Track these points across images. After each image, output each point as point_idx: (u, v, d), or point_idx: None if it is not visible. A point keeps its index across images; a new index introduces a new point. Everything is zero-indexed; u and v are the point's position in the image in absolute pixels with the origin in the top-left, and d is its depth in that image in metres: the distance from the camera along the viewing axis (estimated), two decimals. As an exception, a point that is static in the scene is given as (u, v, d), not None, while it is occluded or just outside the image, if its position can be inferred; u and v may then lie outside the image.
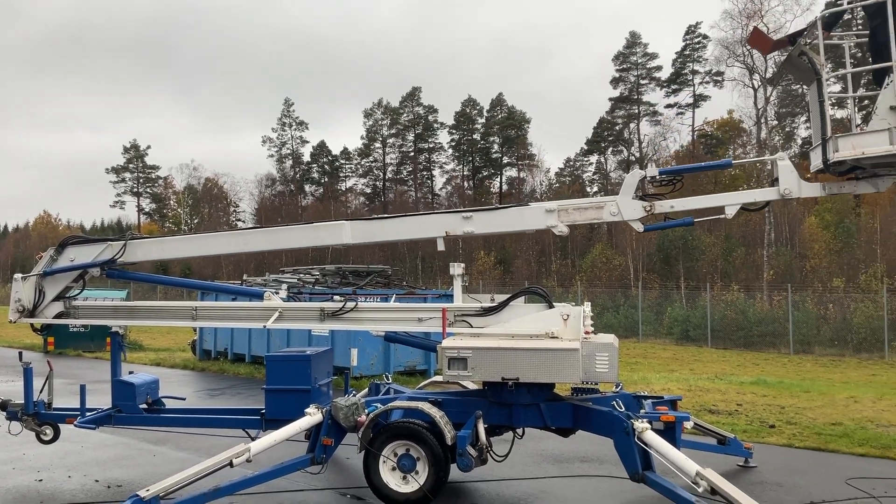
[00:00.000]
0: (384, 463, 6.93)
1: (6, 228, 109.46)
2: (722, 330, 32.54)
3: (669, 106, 62.56)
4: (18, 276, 8.47)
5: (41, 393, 8.57)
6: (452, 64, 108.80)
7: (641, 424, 6.38)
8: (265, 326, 7.87)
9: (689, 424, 7.15)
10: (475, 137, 73.98)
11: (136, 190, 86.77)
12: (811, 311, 31.29)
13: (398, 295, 16.27)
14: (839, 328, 30.03)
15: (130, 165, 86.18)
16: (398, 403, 7.29)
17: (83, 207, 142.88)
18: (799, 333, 29.89)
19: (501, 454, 7.46)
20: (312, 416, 7.09)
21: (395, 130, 77.85)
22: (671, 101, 62.44)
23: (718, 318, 32.97)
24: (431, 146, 77.12)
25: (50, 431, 8.68)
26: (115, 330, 8.76)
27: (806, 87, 7.15)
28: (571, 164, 70.03)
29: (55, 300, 8.50)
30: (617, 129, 65.10)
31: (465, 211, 7.63)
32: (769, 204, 7.28)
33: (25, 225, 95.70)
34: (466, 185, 75.08)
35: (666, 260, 48.13)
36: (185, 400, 9.83)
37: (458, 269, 7.58)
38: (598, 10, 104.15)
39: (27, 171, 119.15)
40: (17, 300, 8.38)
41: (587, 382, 7.20)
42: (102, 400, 8.85)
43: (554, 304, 7.29)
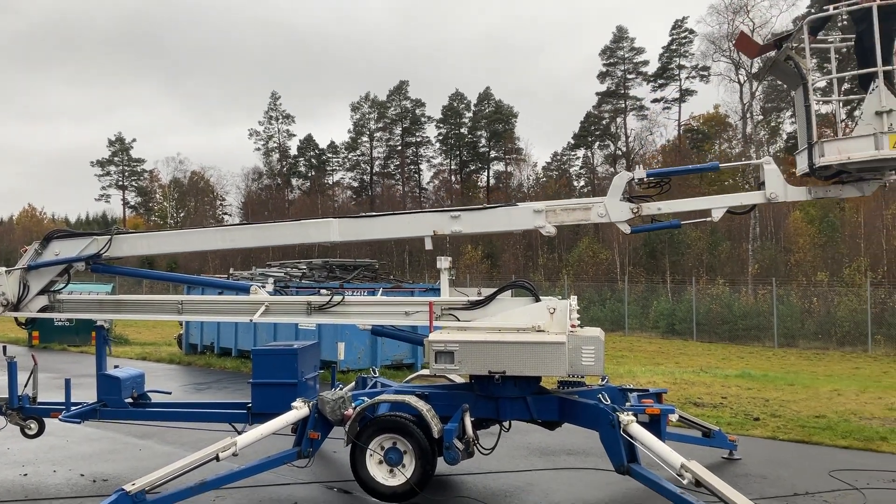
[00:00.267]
0: (371, 456, 6.94)
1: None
2: (707, 323, 32.74)
3: (656, 100, 62.85)
4: (2, 269, 8.40)
5: (26, 387, 8.52)
6: (440, 58, 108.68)
7: (627, 417, 6.42)
8: (251, 320, 7.84)
9: (674, 417, 7.19)
10: (462, 132, 73.95)
11: (121, 183, 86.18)
12: (795, 304, 31.52)
13: (385, 289, 16.28)
14: (823, 322, 30.27)
15: (115, 158, 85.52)
16: (385, 397, 7.30)
17: (68, 201, 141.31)
18: (783, 327, 30.11)
19: (488, 447, 7.48)
20: (299, 409, 7.08)
21: (382, 124, 77.67)
22: (658, 95, 62.71)
23: (704, 311, 33.16)
24: (419, 140, 77.04)
25: (35, 426, 8.64)
26: (100, 324, 8.73)
27: (792, 90, 7.19)
28: (558, 158, 70.19)
29: (40, 294, 8.44)
30: (604, 123, 65.23)
31: (453, 210, 7.63)
32: (755, 207, 7.36)
33: (10, 218, 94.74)
34: (454, 179, 75.05)
35: (652, 254, 48.35)
36: (170, 394, 9.80)
37: (445, 262, 7.59)
38: (587, 5, 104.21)
39: (11, 164, 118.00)
40: (1, 294, 8.32)
41: (573, 376, 7.24)
42: (88, 394, 8.81)
43: (540, 297, 7.31)
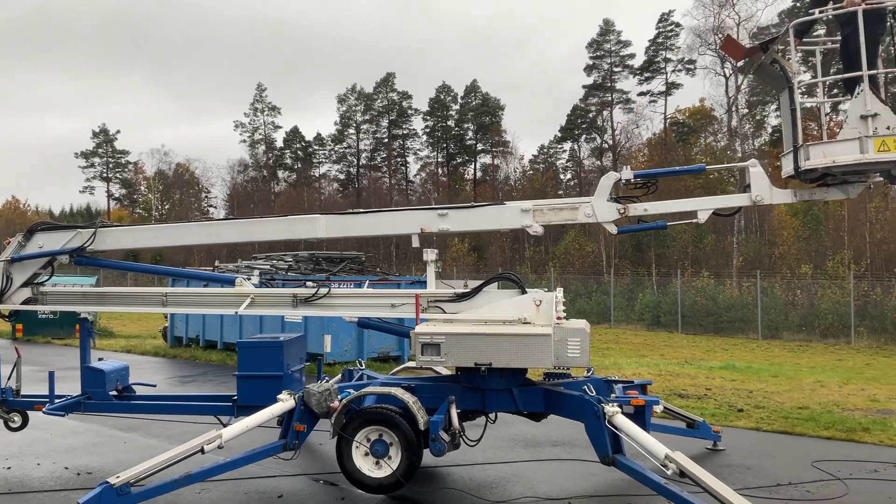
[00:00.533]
0: (357, 448, 6.94)
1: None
2: (692, 316, 32.92)
3: (642, 94, 62.91)
4: (-15, 261, 8.33)
5: (9, 380, 8.45)
6: (427, 51, 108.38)
7: (612, 408, 6.45)
8: (237, 312, 7.81)
9: (658, 408, 7.24)
10: (449, 124, 73.82)
11: (105, 175, 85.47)
12: (779, 297, 31.73)
13: (372, 281, 16.27)
14: (807, 314, 30.50)
15: (100, 150, 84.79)
16: (371, 389, 7.30)
17: (52, 193, 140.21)
18: (767, 319, 30.33)
19: (474, 439, 7.50)
20: (285, 402, 7.07)
21: (368, 116, 77.40)
22: (644, 88, 62.80)
23: (689, 304, 33.34)
24: (406, 132, 76.84)
25: (18, 419, 8.58)
26: (83, 316, 8.67)
27: (778, 93, 7.23)
28: (545, 151, 70.18)
29: (23, 286, 8.38)
30: (590, 116, 65.26)
31: (440, 208, 7.63)
32: (740, 209, 7.41)
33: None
34: (441, 171, 74.96)
35: (638, 247, 48.53)
36: (155, 387, 9.77)
37: (431, 255, 7.59)
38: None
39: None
40: (-17, 286, 8.25)
41: (559, 367, 7.26)
42: (72, 387, 8.76)
43: (527, 289, 7.33)
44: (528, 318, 7.06)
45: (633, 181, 7.14)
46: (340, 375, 9.09)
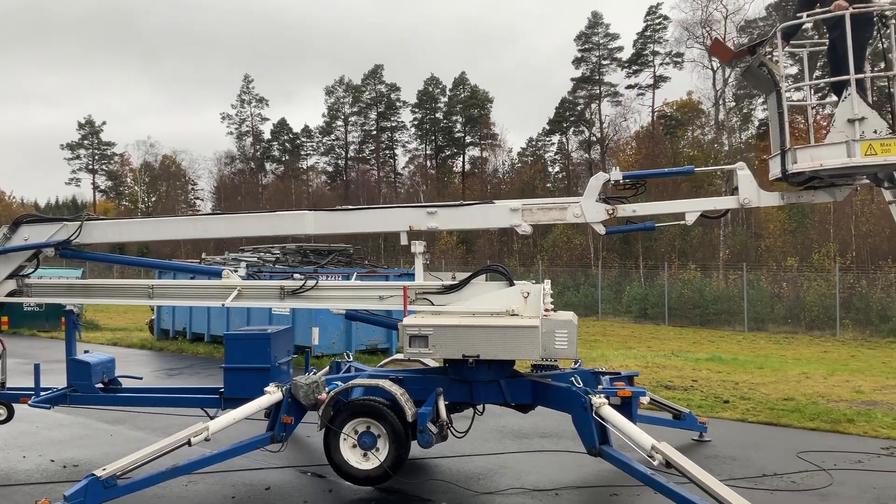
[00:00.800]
0: (345, 440, 6.94)
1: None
2: (679, 308, 33.06)
3: (630, 87, 62.98)
4: (-31, 254, 8.25)
5: (-6, 373, 8.40)
6: (415, 43, 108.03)
7: (599, 400, 6.48)
8: (224, 304, 7.79)
9: (645, 400, 7.27)
10: (438, 116, 73.69)
11: (91, 167, 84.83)
12: (765, 289, 31.91)
13: (360, 274, 16.24)
14: (792, 306, 30.68)
15: (85, 142, 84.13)
16: (359, 381, 7.30)
17: (38, 185, 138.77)
18: (753, 311, 30.49)
19: (462, 430, 7.52)
20: (272, 394, 7.06)
21: (357, 108, 77.17)
22: (632, 81, 62.88)
23: (676, 296, 33.48)
24: (394, 125, 76.67)
25: (3, 411, 8.54)
26: (69, 308, 8.62)
27: (766, 96, 7.26)
28: (534, 144, 70.21)
29: (8, 278, 8.32)
30: (578, 109, 65.30)
31: (429, 206, 7.63)
32: (728, 212, 7.46)
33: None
34: (429, 164, 74.86)
35: (625, 240, 48.61)
36: (142, 379, 9.71)
37: (419, 247, 7.58)
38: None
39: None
40: (-33, 279, 8.18)
41: (547, 359, 7.28)
42: (58, 380, 8.70)
43: (514, 282, 7.35)
44: (515, 310, 7.09)
45: (621, 182, 7.18)
46: (328, 368, 9.08)
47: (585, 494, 7.09)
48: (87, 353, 8.86)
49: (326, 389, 7.14)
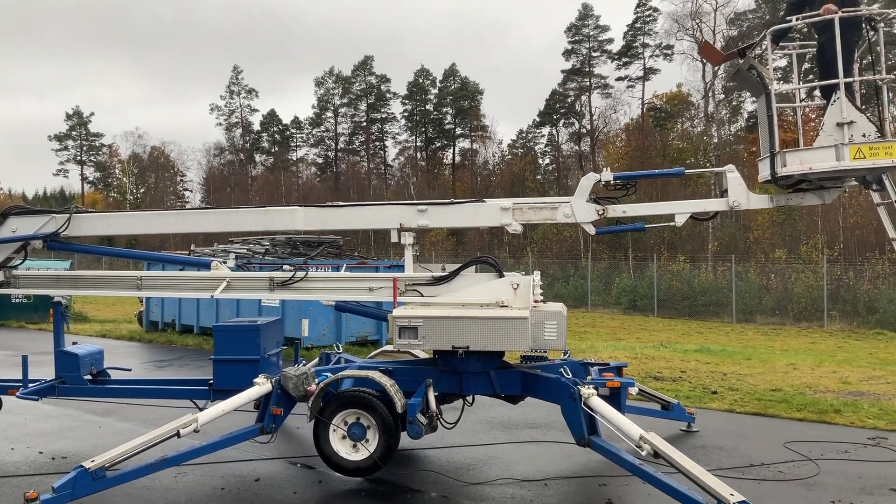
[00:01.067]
0: (334, 431, 6.95)
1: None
2: (668, 300, 33.19)
3: (620, 79, 63.02)
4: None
5: (-19, 365, 8.36)
6: (406, 34, 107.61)
7: (587, 390, 6.51)
8: (213, 296, 7.76)
9: (633, 390, 7.31)
10: (428, 108, 73.54)
11: (79, 158, 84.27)
12: (754, 281, 32.07)
13: (349, 265, 16.22)
14: (780, 298, 30.85)
15: (73, 133, 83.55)
16: (348, 372, 7.30)
17: (26, 176, 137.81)
18: (742, 303, 30.65)
19: (451, 421, 7.54)
20: (262, 385, 7.05)
21: (346, 100, 76.93)
22: (622, 73, 62.91)
23: (665, 288, 33.60)
24: (384, 116, 76.48)
25: (-9, 403, 8.49)
26: (57, 300, 8.58)
27: (755, 98, 7.29)
28: (524, 136, 70.20)
29: (-5, 269, 8.26)
30: (569, 101, 65.31)
31: (420, 204, 7.62)
32: (717, 214, 7.51)
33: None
34: (419, 156, 74.74)
35: (615, 221, 48.63)
36: (130, 371, 9.68)
37: (409, 238, 7.58)
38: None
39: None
40: (-46, 270, 8.12)
41: (536, 350, 7.32)
42: (46, 371, 8.67)
43: (504, 273, 7.36)
44: (505, 301, 7.10)
45: (612, 182, 7.20)
46: (318, 359, 9.08)
47: (574, 485, 7.12)
48: (75, 344, 8.84)
49: (316, 381, 7.14)
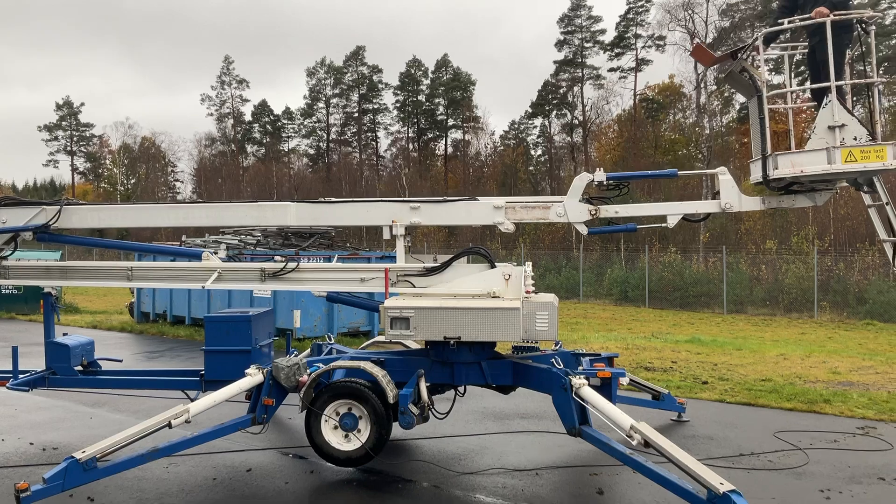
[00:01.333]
0: (326, 422, 6.95)
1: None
2: (659, 291, 33.28)
3: (612, 70, 62.96)
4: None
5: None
6: (399, 25, 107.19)
7: (579, 380, 6.53)
8: (203, 287, 7.74)
9: (624, 380, 7.33)
10: (420, 99, 73.33)
11: (69, 149, 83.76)
12: (745, 272, 32.16)
13: (341, 256, 16.19)
14: (771, 289, 30.97)
15: (63, 123, 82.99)
16: (340, 363, 7.31)
17: (16, 167, 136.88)
18: (733, 294, 30.76)
19: (443, 412, 7.56)
20: (253, 376, 7.05)
21: (338, 90, 76.63)
22: (614, 64, 62.86)
23: (656, 279, 33.69)
24: (376, 107, 76.21)
25: (-19, 395, 8.46)
26: (47, 290, 8.54)
27: (748, 100, 7.31)
28: (516, 127, 70.08)
29: (-16, 260, 8.22)
30: (561, 92, 65.23)
31: (413, 201, 7.62)
32: (709, 216, 7.55)
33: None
34: (411, 147, 74.57)
35: (607, 222, 48.75)
36: (121, 362, 9.66)
37: (400, 229, 7.58)
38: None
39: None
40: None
41: (528, 341, 7.33)
42: (37, 363, 8.65)
43: (496, 264, 7.36)
44: (497, 292, 7.11)
45: (605, 183, 7.22)
46: (309, 350, 9.08)
47: (565, 474, 7.15)
48: (65, 335, 8.81)
49: (308, 371, 7.14)
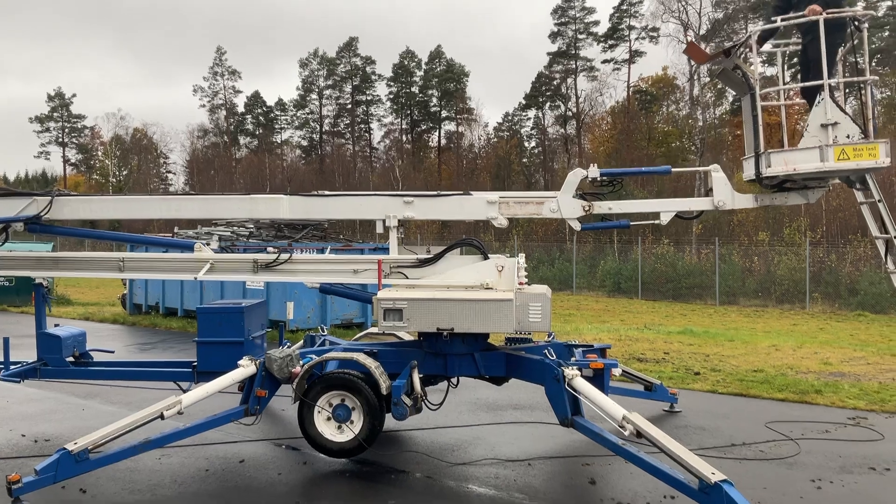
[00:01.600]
0: (319, 413, 6.95)
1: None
2: (652, 282, 33.37)
3: (606, 61, 62.89)
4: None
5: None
6: (391, 16, 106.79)
7: (571, 371, 6.53)
8: (196, 278, 7.70)
9: (617, 372, 7.34)
10: (414, 90, 73.13)
11: (61, 140, 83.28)
12: (737, 263, 32.28)
13: (334, 248, 16.17)
14: (763, 280, 31.09)
15: (55, 114, 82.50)
16: (333, 354, 7.30)
17: (7, 158, 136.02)
18: (725, 285, 30.87)
19: (436, 403, 7.56)
20: (246, 367, 7.03)
21: (331, 81, 76.36)
22: (608, 56, 62.80)
23: (649, 270, 33.78)
24: (369, 98, 76.01)
25: (-28, 386, 8.42)
26: (38, 282, 8.49)
27: (741, 98, 7.32)
28: (510, 118, 70.01)
29: (-26, 252, 8.16)
30: (555, 84, 65.15)
31: (406, 195, 7.60)
32: (702, 213, 7.57)
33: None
34: (405, 138, 74.42)
35: (601, 218, 48.75)
36: (113, 353, 9.63)
37: (393, 221, 7.56)
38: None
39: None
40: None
41: (521, 332, 7.33)
42: (29, 354, 8.61)
43: (489, 255, 7.36)
44: (490, 283, 7.11)
45: (599, 179, 7.22)
46: (302, 342, 9.07)
47: (557, 464, 7.17)
48: (57, 326, 8.77)
49: (301, 363, 7.13)
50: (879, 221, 6.57)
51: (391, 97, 74.35)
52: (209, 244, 8.29)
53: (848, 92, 6.99)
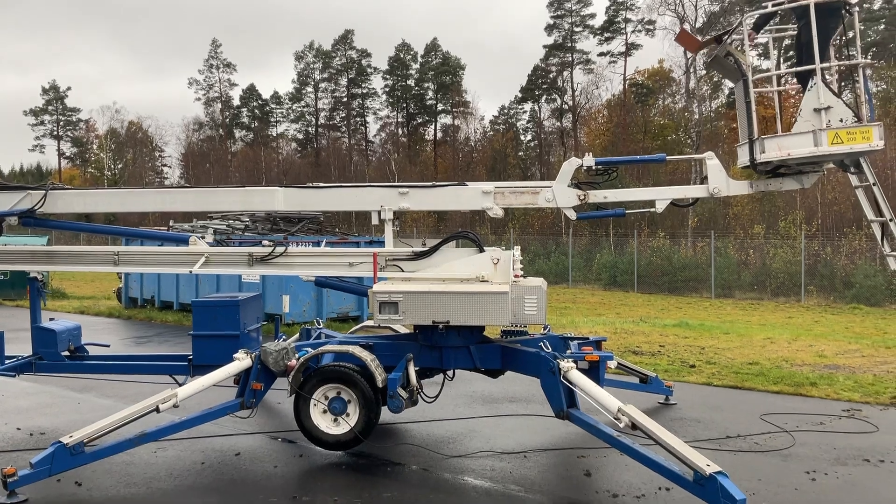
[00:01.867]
0: (315, 406, 6.96)
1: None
2: (648, 275, 33.41)
3: (602, 54, 62.81)
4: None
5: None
6: (387, 9, 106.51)
7: (567, 364, 6.54)
8: (191, 271, 7.70)
9: (612, 364, 7.36)
10: (409, 83, 72.97)
11: (56, 133, 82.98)
12: (732, 256, 32.32)
13: (329, 241, 16.15)
14: (758, 273, 31.14)
15: (50, 107, 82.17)
16: (329, 347, 7.30)
17: (1, 152, 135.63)
18: (720, 278, 30.92)
19: (432, 396, 7.58)
20: (241, 360, 7.03)
21: (327, 74, 76.17)
22: (604, 49, 62.69)
23: (645, 264, 33.81)
24: (365, 91, 75.83)
25: (-33, 380, 8.40)
26: (33, 275, 8.48)
27: (733, 84, 7.31)
28: (505, 111, 69.93)
29: (-31, 246, 8.14)
30: (551, 77, 65.06)
31: (401, 186, 7.59)
32: (697, 201, 7.57)
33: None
34: (400, 132, 74.31)
35: (596, 207, 48.77)
36: (109, 347, 9.62)
37: (389, 213, 7.56)
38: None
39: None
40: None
41: (516, 325, 7.34)
42: (24, 348, 8.60)
43: (485, 248, 7.36)
44: (485, 276, 7.11)
45: (594, 168, 7.22)
46: (298, 335, 9.07)
47: (553, 456, 7.19)
48: (52, 320, 8.76)
49: (296, 356, 7.13)
50: (874, 205, 6.58)
51: (387, 90, 74.21)
52: (204, 238, 8.27)
53: (844, 85, 6.99)
